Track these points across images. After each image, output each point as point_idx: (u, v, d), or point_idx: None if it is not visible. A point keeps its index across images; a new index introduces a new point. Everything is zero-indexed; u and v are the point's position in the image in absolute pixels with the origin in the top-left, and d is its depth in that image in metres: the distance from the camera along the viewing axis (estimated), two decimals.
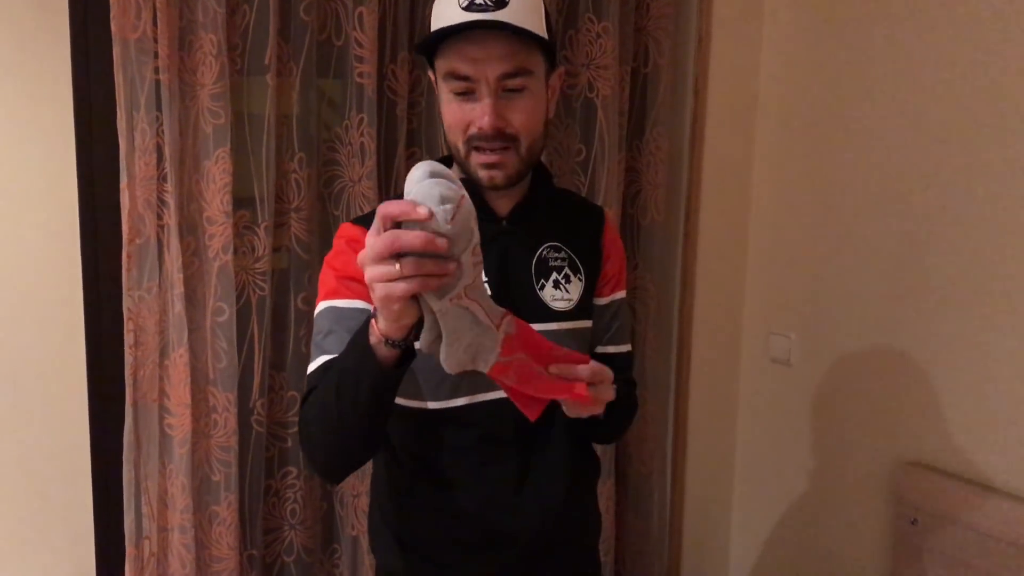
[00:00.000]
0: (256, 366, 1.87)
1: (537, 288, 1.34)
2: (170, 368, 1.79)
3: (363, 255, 0.98)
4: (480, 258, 1.03)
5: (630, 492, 2.39)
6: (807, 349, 2.31)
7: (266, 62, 1.79)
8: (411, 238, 0.94)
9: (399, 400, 1.29)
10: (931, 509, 1.94)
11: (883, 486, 2.09)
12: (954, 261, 1.91)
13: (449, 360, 1.05)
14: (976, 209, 1.86)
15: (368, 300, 1.23)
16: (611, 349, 1.45)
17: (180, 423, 1.79)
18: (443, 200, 0.95)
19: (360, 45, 1.85)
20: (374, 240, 0.96)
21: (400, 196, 0.99)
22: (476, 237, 1.01)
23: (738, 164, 2.42)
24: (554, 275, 1.37)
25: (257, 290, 1.87)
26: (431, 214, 0.93)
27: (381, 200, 1.91)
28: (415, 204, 0.94)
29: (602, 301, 1.44)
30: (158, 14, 1.67)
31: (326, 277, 1.31)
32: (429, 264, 0.95)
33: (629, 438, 2.36)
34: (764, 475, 2.47)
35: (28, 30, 1.69)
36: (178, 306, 1.76)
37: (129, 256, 1.73)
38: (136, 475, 1.79)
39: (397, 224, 0.96)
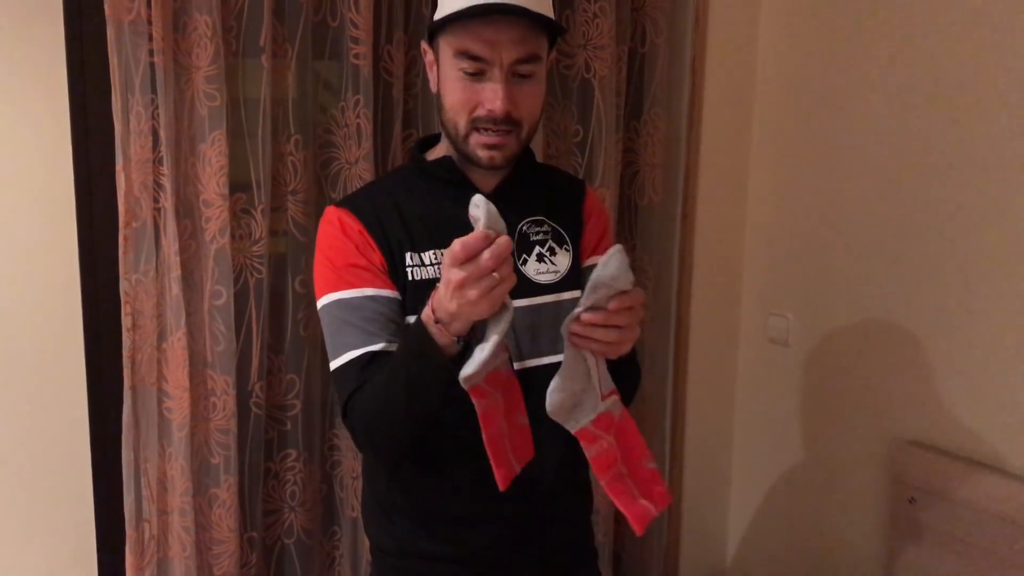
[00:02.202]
0: (254, 349, 1.87)
1: (519, 263, 1.35)
2: (168, 351, 1.79)
3: (450, 281, 1.07)
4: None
5: None
6: (805, 329, 2.31)
7: (261, 44, 1.78)
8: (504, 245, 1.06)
9: None
10: (929, 487, 1.95)
11: (881, 465, 2.10)
12: (951, 241, 1.91)
13: (552, 397, 1.17)
14: (973, 189, 1.86)
15: (373, 285, 1.27)
16: None
17: (179, 406, 1.79)
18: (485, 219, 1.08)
19: (355, 26, 1.83)
20: (472, 267, 1.05)
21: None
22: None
23: (736, 144, 2.41)
24: (537, 249, 1.38)
25: (255, 273, 1.86)
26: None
27: None
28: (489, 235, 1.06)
29: (582, 267, 1.44)
30: None
31: (324, 268, 1.31)
32: (506, 267, 1.07)
33: None
34: (762, 455, 2.48)
35: (22, 13, 1.68)
36: (175, 289, 1.76)
37: (126, 239, 1.72)
38: (135, 458, 1.79)
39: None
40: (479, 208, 1.07)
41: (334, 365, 1.29)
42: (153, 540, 1.81)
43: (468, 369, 1.11)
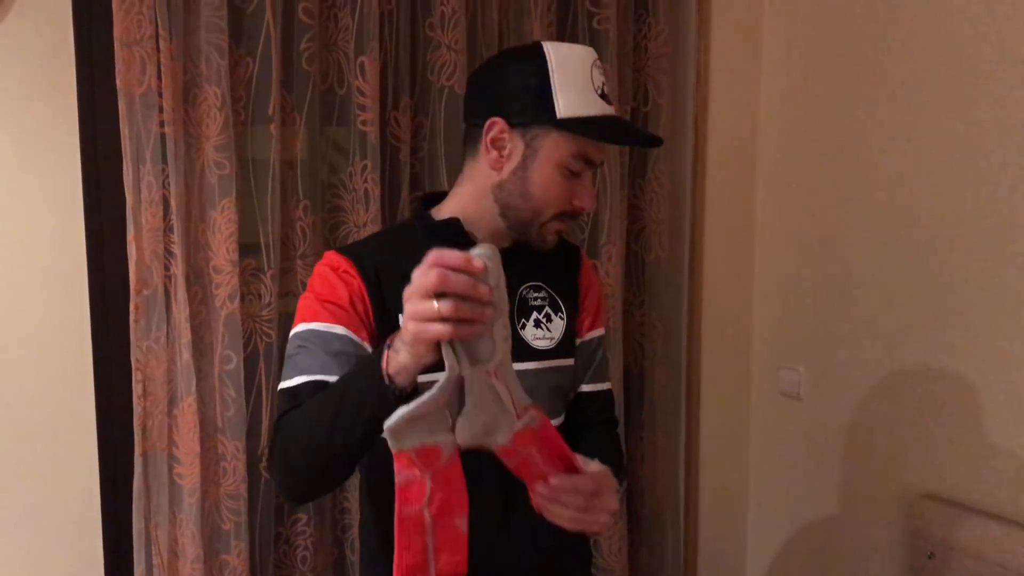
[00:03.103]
0: (264, 413, 1.88)
1: (519, 328, 1.36)
2: (179, 417, 1.79)
3: (409, 289, 1.01)
4: (509, 334, 1.05)
5: (643, 531, 2.37)
6: (816, 382, 2.30)
7: (270, 112, 1.82)
8: (459, 280, 0.97)
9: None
10: (949, 542, 1.92)
11: (899, 519, 2.07)
12: (962, 293, 1.90)
13: (463, 432, 1.05)
14: (985, 241, 1.86)
15: (351, 328, 1.25)
16: (589, 388, 1.48)
17: (189, 472, 1.79)
18: (489, 264, 1.00)
19: (362, 93, 1.87)
20: (422, 276, 0.99)
21: None
22: (507, 309, 1.04)
23: (741, 199, 2.43)
24: (535, 314, 1.38)
25: (264, 337, 1.88)
26: (484, 268, 0.98)
27: None
28: (471, 256, 0.99)
29: (578, 341, 1.46)
30: (162, 69, 1.71)
31: (307, 301, 1.30)
32: (466, 308, 0.98)
33: (641, 476, 2.34)
34: (778, 510, 2.45)
35: (36, 88, 1.73)
36: (186, 355, 1.77)
37: (137, 307, 1.74)
38: (146, 525, 1.79)
39: None
40: (483, 253, 1.01)
41: (283, 385, 1.25)
42: None
43: (391, 419, 1.00)
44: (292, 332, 1.30)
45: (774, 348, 2.43)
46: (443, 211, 1.39)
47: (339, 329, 1.26)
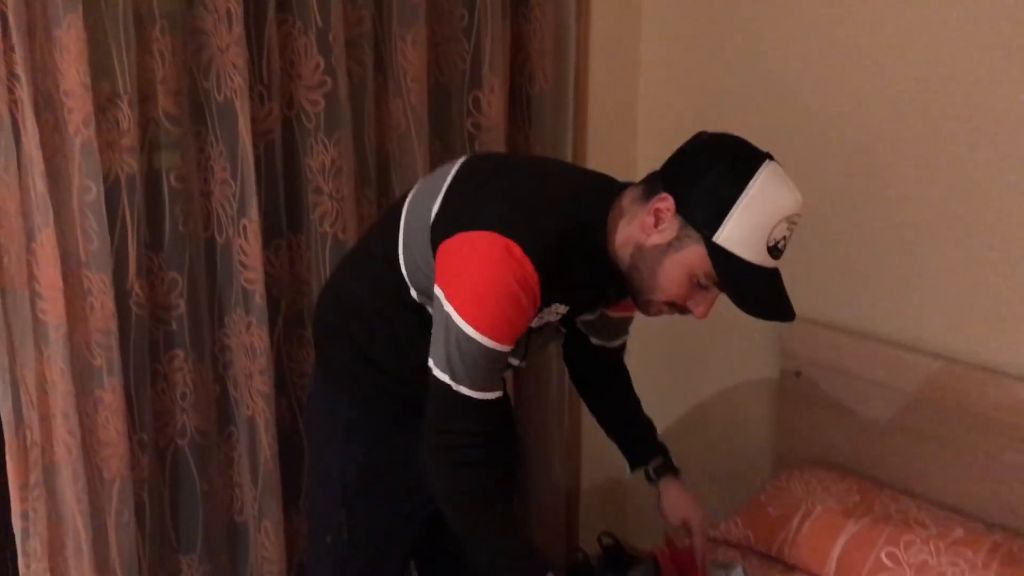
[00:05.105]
0: (130, 247, 1.80)
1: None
2: (38, 251, 1.70)
3: None
4: None
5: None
6: None
7: None
8: None
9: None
10: (814, 360, 2.01)
11: (767, 341, 2.15)
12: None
13: None
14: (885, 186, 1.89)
15: (512, 344, 1.41)
16: (616, 343, 1.81)
17: (53, 308, 1.72)
18: None
19: None
20: None
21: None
22: None
23: (625, 27, 2.38)
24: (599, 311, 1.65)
25: (125, 167, 1.78)
26: None
27: (253, 69, 1.86)
28: None
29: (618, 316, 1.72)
30: None
31: (491, 308, 1.36)
32: None
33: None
34: (652, 339, 2.52)
35: None
36: (40, 186, 1.67)
37: None
38: (10, 363, 1.72)
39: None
40: None
41: (479, 396, 1.40)
42: (36, 446, 1.76)
43: None
44: (471, 330, 1.35)
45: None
46: (619, 247, 1.43)
47: (507, 348, 1.40)
